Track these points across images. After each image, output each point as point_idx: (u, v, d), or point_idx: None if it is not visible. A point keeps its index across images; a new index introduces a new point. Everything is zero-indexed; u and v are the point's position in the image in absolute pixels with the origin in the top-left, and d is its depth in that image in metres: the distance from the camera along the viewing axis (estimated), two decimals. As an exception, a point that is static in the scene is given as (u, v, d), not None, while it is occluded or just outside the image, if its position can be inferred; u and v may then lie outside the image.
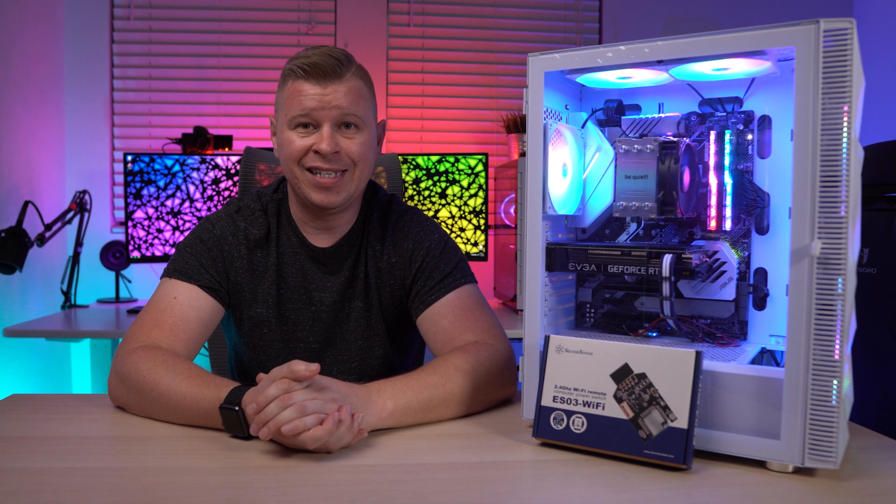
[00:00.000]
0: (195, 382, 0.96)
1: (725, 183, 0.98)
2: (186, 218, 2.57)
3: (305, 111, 1.11)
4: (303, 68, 1.10)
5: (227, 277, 1.19)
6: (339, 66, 1.11)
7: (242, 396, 0.90)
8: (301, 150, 1.12)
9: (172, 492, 0.75)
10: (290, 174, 1.16)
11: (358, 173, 1.16)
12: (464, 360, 1.04)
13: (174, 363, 1.00)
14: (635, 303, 1.07)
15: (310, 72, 1.10)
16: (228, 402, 0.91)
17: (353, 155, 1.14)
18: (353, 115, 1.13)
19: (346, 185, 1.15)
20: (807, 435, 0.79)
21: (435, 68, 3.08)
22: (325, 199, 1.14)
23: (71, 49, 2.87)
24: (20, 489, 0.75)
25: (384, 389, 0.97)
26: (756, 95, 0.98)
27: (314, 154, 1.12)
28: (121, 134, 2.96)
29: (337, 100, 1.11)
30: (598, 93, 1.09)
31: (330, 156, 1.12)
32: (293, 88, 1.12)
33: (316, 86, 1.11)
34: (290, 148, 1.13)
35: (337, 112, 1.11)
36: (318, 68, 1.10)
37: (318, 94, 1.10)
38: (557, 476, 0.82)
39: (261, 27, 2.98)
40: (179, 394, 0.96)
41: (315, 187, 1.14)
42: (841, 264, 0.77)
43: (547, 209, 0.97)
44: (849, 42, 0.76)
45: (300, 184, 1.15)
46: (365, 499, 0.74)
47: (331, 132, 1.12)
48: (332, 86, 1.11)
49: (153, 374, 0.98)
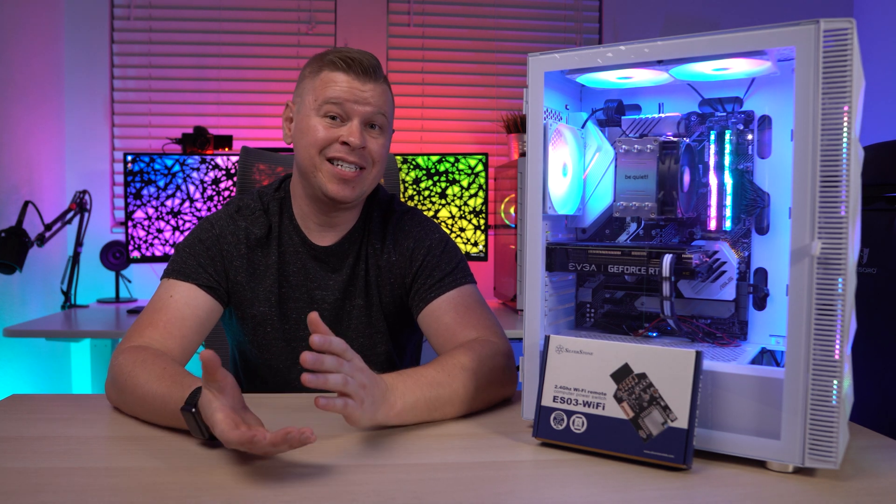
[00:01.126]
0: (166, 382, 0.93)
1: (725, 183, 0.98)
2: (186, 218, 2.57)
3: (339, 100, 1.12)
4: (344, 60, 1.13)
5: (227, 276, 1.19)
6: (377, 67, 1.16)
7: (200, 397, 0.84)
8: (327, 139, 1.13)
9: (172, 492, 0.75)
10: (309, 161, 1.15)
11: (374, 173, 1.18)
12: (469, 359, 1.04)
13: (152, 363, 0.98)
14: (635, 303, 1.07)
15: (351, 65, 1.13)
16: (187, 404, 0.85)
17: (375, 154, 1.16)
18: (382, 115, 1.16)
19: (363, 181, 1.17)
20: (807, 435, 0.79)
21: (435, 68, 3.08)
22: (341, 191, 1.15)
23: (71, 49, 2.88)
24: (20, 489, 0.75)
25: (397, 387, 0.96)
26: (756, 95, 0.98)
27: (340, 145, 1.13)
28: (121, 134, 2.96)
29: (372, 98, 1.14)
30: (598, 93, 1.09)
31: (357, 149, 1.13)
32: (329, 77, 1.14)
33: (354, 79, 1.13)
34: (315, 135, 1.14)
35: (369, 109, 1.14)
36: (358, 63, 1.13)
37: (355, 87, 1.13)
38: (557, 476, 0.82)
39: (261, 27, 2.98)
40: (151, 394, 0.94)
41: (334, 178, 1.14)
42: (841, 264, 0.76)
43: (547, 209, 0.97)
44: (849, 42, 0.76)
45: (317, 172, 1.15)
46: (365, 499, 0.74)
47: (360, 127, 1.14)
48: (369, 84, 1.14)
49: (133, 375, 0.97)
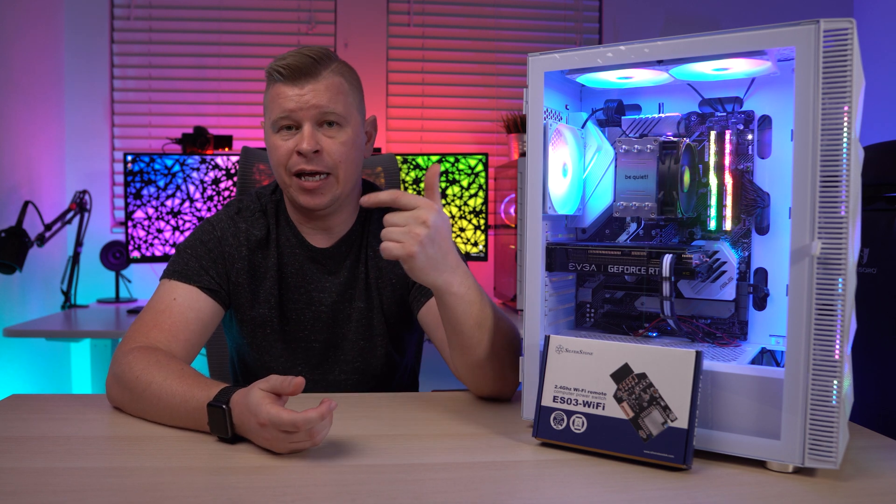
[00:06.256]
0: (186, 382, 0.95)
1: (725, 183, 0.98)
2: (186, 218, 2.57)
3: (285, 113, 1.11)
4: (279, 71, 1.11)
5: (228, 279, 1.19)
6: (314, 65, 1.11)
7: (232, 396, 0.89)
8: (286, 153, 1.13)
9: (172, 492, 0.75)
10: (280, 179, 1.16)
11: (343, 174, 1.15)
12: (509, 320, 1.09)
13: (168, 363, 0.99)
14: (635, 303, 1.07)
15: (286, 73, 1.11)
16: (216, 401, 0.89)
17: (335, 155, 1.13)
18: (332, 112, 1.13)
19: (332, 187, 1.15)
20: (807, 435, 0.79)
21: (435, 68, 3.08)
22: (311, 201, 1.14)
23: (71, 49, 2.88)
24: (20, 489, 0.75)
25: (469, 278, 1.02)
26: (756, 95, 0.97)
27: (297, 156, 1.12)
28: (121, 134, 2.96)
29: (315, 98, 1.11)
30: (598, 93, 1.09)
31: (311, 155, 1.11)
32: (273, 92, 1.13)
33: (294, 87, 1.11)
34: (277, 153, 1.14)
35: (315, 111, 1.12)
36: (293, 69, 1.10)
37: (296, 94, 1.11)
38: (557, 476, 0.82)
39: (261, 27, 2.98)
40: (169, 392, 0.95)
41: (301, 191, 1.14)
42: (841, 264, 0.76)
43: (547, 209, 0.97)
44: (849, 42, 0.76)
45: (288, 188, 1.16)
46: (365, 499, 0.74)
47: (311, 131, 1.12)
48: (309, 85, 1.11)
49: (146, 374, 0.98)
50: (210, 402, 0.89)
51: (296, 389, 0.85)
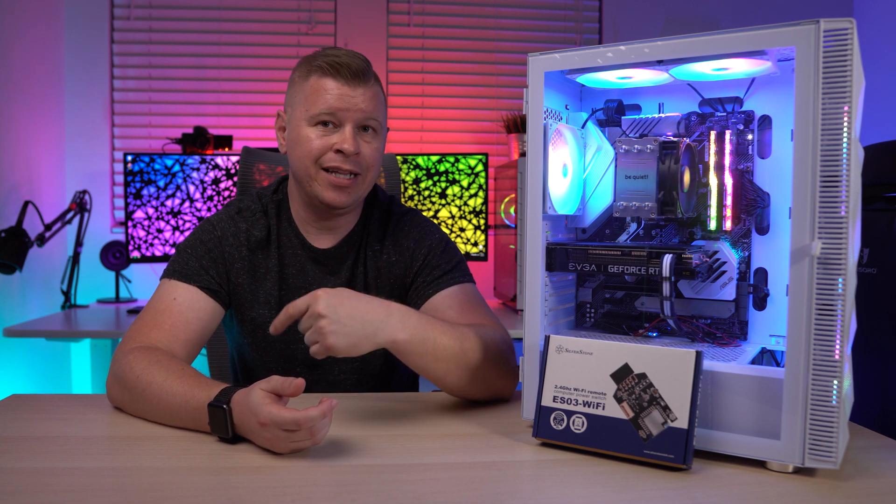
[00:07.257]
0: (187, 382, 0.95)
1: (725, 183, 0.98)
2: (186, 218, 2.57)
3: (331, 109, 1.11)
4: (332, 65, 1.11)
5: (228, 279, 1.19)
6: (366, 69, 1.13)
7: (232, 396, 0.89)
8: (321, 148, 1.12)
9: (172, 492, 0.75)
10: (304, 172, 1.15)
11: (370, 178, 1.18)
12: (475, 332, 1.05)
13: (168, 363, 0.99)
14: (635, 303, 1.07)
15: (339, 70, 1.11)
16: (217, 401, 0.90)
17: (369, 159, 1.15)
18: (374, 119, 1.14)
19: (358, 188, 1.16)
20: (807, 435, 0.79)
21: (435, 68, 3.08)
22: (337, 198, 1.14)
23: (71, 49, 2.87)
24: (20, 489, 0.75)
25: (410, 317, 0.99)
26: (756, 95, 0.98)
27: (334, 153, 1.12)
28: (121, 134, 2.96)
29: (363, 103, 1.12)
30: (598, 93, 1.09)
31: (351, 156, 1.12)
32: (318, 85, 1.12)
33: (344, 85, 1.11)
34: (309, 146, 1.13)
35: (361, 114, 1.12)
36: (347, 68, 1.11)
37: (345, 93, 1.11)
38: (557, 476, 0.82)
39: (261, 27, 2.98)
40: (170, 392, 0.95)
41: (330, 186, 1.14)
42: (841, 264, 0.77)
43: (547, 209, 0.97)
44: (849, 42, 0.76)
45: (313, 182, 1.15)
46: (365, 499, 0.74)
47: (353, 133, 1.12)
48: (359, 88, 1.12)
49: (146, 374, 0.98)
50: (211, 402, 0.89)
51: (296, 390, 0.85)
